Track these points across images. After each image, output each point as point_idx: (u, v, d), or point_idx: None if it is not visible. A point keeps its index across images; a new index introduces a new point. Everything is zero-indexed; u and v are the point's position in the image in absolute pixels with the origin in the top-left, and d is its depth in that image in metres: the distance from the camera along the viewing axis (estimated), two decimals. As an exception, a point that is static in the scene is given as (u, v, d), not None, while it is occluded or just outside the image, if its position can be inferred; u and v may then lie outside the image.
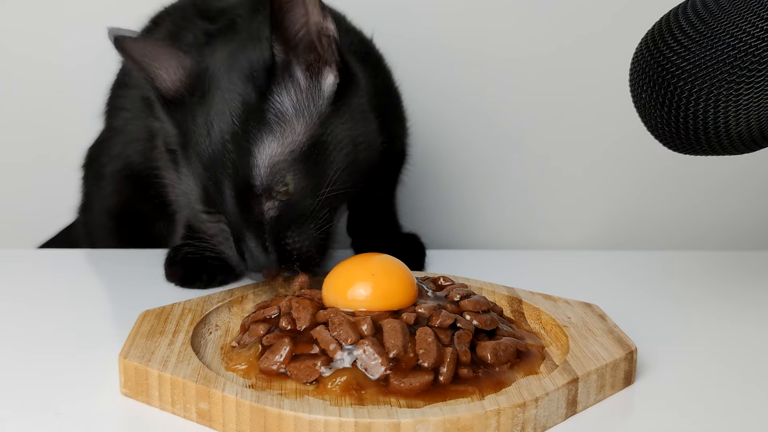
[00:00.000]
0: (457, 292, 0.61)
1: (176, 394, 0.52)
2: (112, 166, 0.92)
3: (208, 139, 0.66)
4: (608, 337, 0.59)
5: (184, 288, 0.77)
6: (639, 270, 0.88)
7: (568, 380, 0.52)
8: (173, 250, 0.80)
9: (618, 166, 1.08)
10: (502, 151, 1.07)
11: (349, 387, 0.51)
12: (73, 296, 0.76)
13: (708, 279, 0.84)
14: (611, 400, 0.55)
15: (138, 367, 0.53)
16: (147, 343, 0.56)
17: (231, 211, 0.66)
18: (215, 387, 0.50)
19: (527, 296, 0.67)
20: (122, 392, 0.55)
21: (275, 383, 0.53)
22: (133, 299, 0.74)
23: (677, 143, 0.62)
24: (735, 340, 0.67)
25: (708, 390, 0.58)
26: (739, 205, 1.08)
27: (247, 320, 0.61)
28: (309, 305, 0.58)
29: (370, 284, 0.58)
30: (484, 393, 0.52)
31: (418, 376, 0.52)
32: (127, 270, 0.83)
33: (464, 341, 0.55)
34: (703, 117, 0.58)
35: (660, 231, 1.09)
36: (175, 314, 0.62)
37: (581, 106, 1.06)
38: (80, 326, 0.67)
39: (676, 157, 0.66)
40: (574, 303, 0.66)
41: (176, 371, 0.52)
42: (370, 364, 0.52)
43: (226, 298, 0.66)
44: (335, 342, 0.54)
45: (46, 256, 0.92)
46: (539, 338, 0.62)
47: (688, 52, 0.58)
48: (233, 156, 0.65)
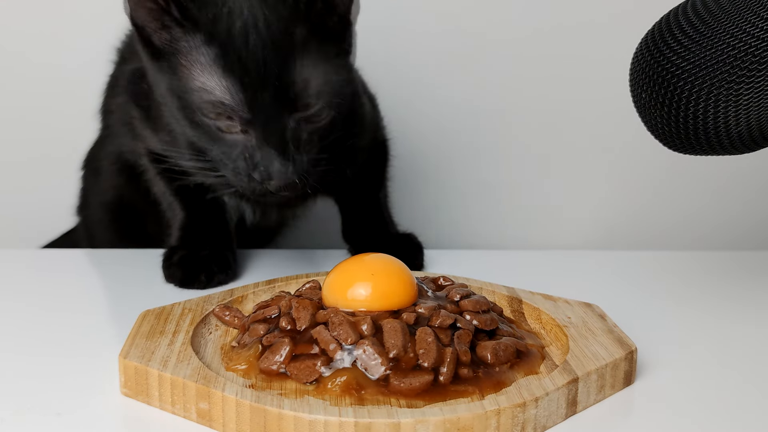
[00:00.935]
0: (457, 292, 0.61)
1: (176, 394, 0.52)
2: (107, 161, 0.92)
3: (246, 46, 0.65)
4: (608, 337, 0.59)
5: (184, 289, 0.77)
6: (639, 270, 0.88)
7: (568, 380, 0.52)
8: (169, 251, 0.80)
9: (618, 167, 1.08)
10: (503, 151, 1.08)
11: (349, 387, 0.51)
12: (74, 296, 0.76)
13: (708, 279, 0.84)
14: (611, 400, 0.55)
15: (138, 367, 0.53)
16: (147, 343, 0.56)
17: (261, 120, 0.65)
18: (215, 387, 0.50)
19: (527, 296, 0.67)
20: (122, 392, 0.54)
21: (275, 383, 0.53)
22: (133, 299, 0.74)
23: (677, 143, 0.62)
24: (735, 340, 0.67)
25: (708, 390, 0.58)
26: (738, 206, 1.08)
27: (246, 320, 0.61)
28: (309, 305, 0.58)
29: (370, 284, 0.58)
30: (484, 393, 0.52)
31: (418, 376, 0.52)
32: (127, 270, 0.83)
33: (464, 341, 0.55)
34: (703, 117, 0.58)
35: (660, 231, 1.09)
36: (175, 314, 0.62)
37: (581, 105, 1.06)
38: (80, 326, 0.67)
39: (677, 157, 0.66)
40: (574, 303, 0.66)
41: (176, 371, 0.52)
42: (370, 364, 0.52)
43: (226, 298, 0.66)
44: (335, 342, 0.54)
45: (46, 257, 0.92)
46: (539, 338, 0.62)
47: (688, 52, 0.58)
48: (275, 65, 0.65)
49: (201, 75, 0.66)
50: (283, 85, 0.65)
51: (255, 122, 0.66)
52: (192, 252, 0.79)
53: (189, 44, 0.67)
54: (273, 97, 0.65)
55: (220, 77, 0.66)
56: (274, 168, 0.66)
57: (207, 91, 0.66)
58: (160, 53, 0.69)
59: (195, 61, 0.67)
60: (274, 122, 0.66)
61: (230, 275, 0.79)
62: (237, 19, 0.66)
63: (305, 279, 0.70)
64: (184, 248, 0.80)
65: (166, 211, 0.84)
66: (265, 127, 0.66)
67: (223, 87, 0.66)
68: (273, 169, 0.66)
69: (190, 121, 0.69)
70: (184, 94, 0.68)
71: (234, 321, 0.63)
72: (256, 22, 0.66)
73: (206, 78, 0.66)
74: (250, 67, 0.65)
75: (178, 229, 0.82)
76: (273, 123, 0.66)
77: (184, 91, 0.68)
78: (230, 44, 0.66)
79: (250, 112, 0.66)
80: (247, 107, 0.66)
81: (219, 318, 0.63)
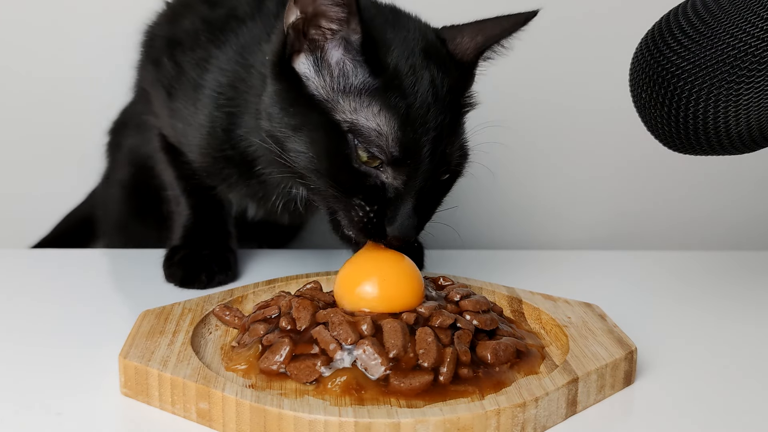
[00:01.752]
0: (457, 292, 0.61)
1: (176, 394, 0.52)
2: (131, 139, 0.92)
3: (419, 93, 0.63)
4: (608, 337, 0.59)
5: (184, 288, 0.77)
6: (639, 270, 0.88)
7: (568, 380, 0.52)
8: (171, 250, 0.80)
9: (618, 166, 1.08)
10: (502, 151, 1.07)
11: (349, 387, 0.51)
12: (73, 296, 0.76)
13: (708, 279, 0.84)
14: (611, 400, 0.55)
15: (138, 367, 0.53)
16: (147, 343, 0.56)
17: (417, 169, 0.63)
18: (215, 387, 0.50)
19: (527, 296, 0.67)
20: (122, 392, 0.54)
21: (275, 383, 0.53)
22: (133, 299, 0.74)
23: (677, 143, 0.62)
24: (735, 339, 0.67)
25: (708, 390, 0.57)
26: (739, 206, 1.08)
27: (246, 320, 0.61)
28: (309, 305, 0.58)
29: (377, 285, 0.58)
30: (484, 393, 0.52)
31: (418, 376, 0.52)
32: (127, 269, 0.83)
33: (464, 341, 0.55)
34: (703, 117, 0.58)
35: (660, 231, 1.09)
36: (175, 314, 0.62)
37: (581, 105, 1.06)
38: (80, 326, 0.67)
39: (677, 157, 0.66)
40: (574, 303, 0.66)
41: (176, 371, 0.52)
42: (370, 364, 0.52)
43: (226, 298, 0.66)
44: (335, 342, 0.54)
45: (46, 256, 0.92)
46: (539, 338, 0.62)
47: (688, 52, 0.58)
48: (447, 120, 0.64)
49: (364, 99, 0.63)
50: (450, 142, 0.65)
51: (410, 169, 0.62)
52: (193, 251, 0.79)
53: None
54: (437, 151, 0.63)
55: (389, 110, 0.62)
56: (406, 222, 0.63)
57: (373, 116, 0.62)
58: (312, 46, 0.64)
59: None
60: (430, 177, 0.64)
61: (231, 275, 0.79)
62: (420, 70, 0.64)
63: (306, 279, 0.70)
64: (186, 248, 0.80)
65: (171, 201, 0.84)
66: (420, 178, 0.63)
67: (387, 120, 0.62)
68: (405, 223, 0.63)
69: (311, 132, 0.64)
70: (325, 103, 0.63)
71: (234, 321, 0.63)
72: (433, 76, 0.64)
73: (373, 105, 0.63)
74: (423, 114, 0.63)
75: (182, 227, 0.82)
76: (428, 177, 0.64)
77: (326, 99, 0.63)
78: (405, 85, 0.63)
79: (408, 156, 0.62)
80: (410, 151, 0.62)
81: (219, 318, 0.63)
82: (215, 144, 0.74)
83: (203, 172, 0.77)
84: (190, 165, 0.78)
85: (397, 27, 0.66)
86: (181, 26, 0.78)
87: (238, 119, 0.72)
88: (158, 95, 0.79)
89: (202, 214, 0.82)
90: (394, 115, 0.61)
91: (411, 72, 0.63)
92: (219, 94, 0.73)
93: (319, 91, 0.63)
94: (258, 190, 0.76)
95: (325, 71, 0.63)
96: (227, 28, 0.75)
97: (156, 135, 0.83)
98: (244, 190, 0.77)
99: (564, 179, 1.08)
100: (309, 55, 0.64)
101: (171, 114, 0.77)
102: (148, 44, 0.83)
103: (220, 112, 0.73)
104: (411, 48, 0.64)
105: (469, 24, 0.69)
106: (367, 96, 0.62)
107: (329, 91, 0.63)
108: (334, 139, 0.62)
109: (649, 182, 1.07)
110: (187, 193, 0.82)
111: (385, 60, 0.63)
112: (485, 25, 0.68)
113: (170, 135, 0.80)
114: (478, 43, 0.68)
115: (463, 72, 0.68)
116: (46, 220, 1.04)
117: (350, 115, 0.62)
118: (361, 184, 0.62)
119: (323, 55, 0.63)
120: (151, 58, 0.81)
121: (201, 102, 0.74)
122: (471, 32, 0.68)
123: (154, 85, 0.80)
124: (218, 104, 0.73)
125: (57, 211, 1.03)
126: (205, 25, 0.76)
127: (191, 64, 0.75)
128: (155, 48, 0.81)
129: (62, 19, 1.03)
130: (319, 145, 0.63)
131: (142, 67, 0.85)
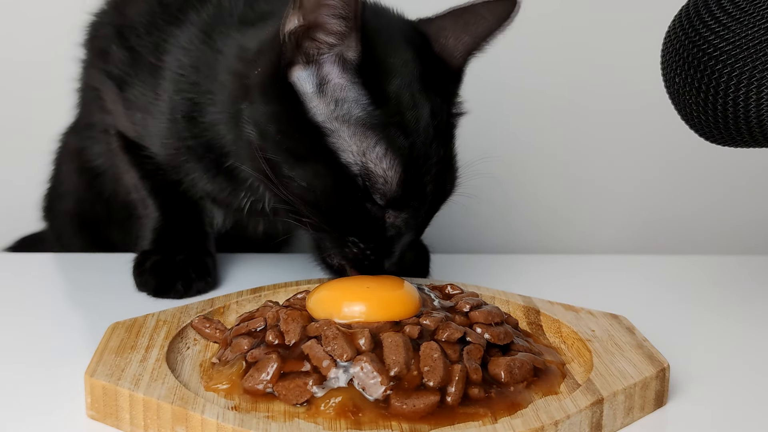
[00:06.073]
0: (466, 302, 0.61)
1: (149, 417, 0.52)
2: (70, 161, 0.93)
3: (420, 131, 0.65)
4: (637, 352, 0.59)
5: (158, 298, 0.77)
6: (672, 277, 0.88)
7: (592, 401, 0.52)
8: (141, 255, 0.80)
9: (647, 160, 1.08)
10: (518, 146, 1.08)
11: (345, 409, 0.51)
12: (36, 305, 0.76)
13: (750, 286, 0.84)
14: (641, 423, 0.56)
15: (106, 386, 0.53)
16: (116, 360, 0.57)
17: (421, 213, 0.67)
18: (193, 409, 0.50)
19: (546, 306, 0.68)
20: (88, 415, 0.55)
21: (261, 405, 0.53)
22: (101, 309, 0.74)
23: (714, 134, 0.62)
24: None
25: (750, 412, 0.58)
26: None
27: (229, 334, 0.61)
28: (299, 317, 0.58)
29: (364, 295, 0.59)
30: (497, 416, 0.52)
31: (423, 396, 0.52)
32: (95, 277, 0.83)
33: (475, 357, 0.55)
34: (744, 104, 0.58)
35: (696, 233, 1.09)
36: (149, 327, 0.62)
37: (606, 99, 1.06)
38: (42, 340, 0.67)
39: (714, 151, 0.66)
40: (598, 314, 0.66)
41: (149, 391, 0.52)
42: (368, 383, 0.52)
43: (205, 308, 0.66)
44: (329, 358, 0.54)
45: (8, 261, 0.92)
46: (559, 354, 0.62)
47: (727, 31, 0.58)
48: (447, 158, 0.68)
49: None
50: (451, 175, 0.69)
51: (412, 209, 0.66)
52: (167, 257, 0.79)
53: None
54: (439, 187, 0.67)
55: (388, 145, 0.64)
56: (406, 254, 0.68)
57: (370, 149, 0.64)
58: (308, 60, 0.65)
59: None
60: (431, 211, 0.69)
61: (210, 282, 0.79)
62: (421, 101, 0.66)
63: (295, 288, 0.71)
64: (158, 252, 0.80)
65: (137, 205, 0.84)
66: (422, 217, 0.67)
67: (392, 164, 0.64)
68: (405, 255, 0.68)
69: (299, 152, 0.65)
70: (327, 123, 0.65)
71: (215, 334, 0.63)
72: (433, 107, 0.66)
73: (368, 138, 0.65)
74: (425, 152, 0.65)
75: (152, 230, 0.82)
76: (429, 212, 0.68)
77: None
78: (408, 121, 0.65)
79: (412, 198, 0.65)
80: (414, 194, 0.65)
81: (198, 331, 0.63)
82: (176, 132, 0.75)
83: (167, 166, 0.78)
84: (153, 159, 0.79)
85: (391, 43, 0.67)
86: (133, 9, 0.79)
87: (203, 108, 0.73)
88: (109, 89, 0.80)
89: (173, 214, 0.82)
90: (398, 157, 0.64)
91: (412, 104, 0.65)
92: (181, 76, 0.74)
93: (321, 118, 0.64)
94: (225, 187, 0.76)
95: (324, 94, 0.65)
96: (186, 5, 0.76)
97: (113, 136, 0.84)
98: (210, 186, 0.77)
99: (587, 175, 1.08)
100: (305, 69, 0.65)
101: (127, 105, 0.78)
102: (92, 38, 0.84)
103: (181, 96, 0.74)
104: (410, 73, 0.66)
105: (447, 16, 0.70)
106: (371, 132, 0.64)
107: (332, 119, 0.64)
108: (342, 178, 0.64)
109: (683, 178, 1.08)
110: (154, 193, 0.82)
111: (386, 89, 0.65)
112: (465, 18, 0.70)
113: (128, 130, 0.81)
114: (467, 44, 0.70)
115: (454, 79, 0.71)
116: (9, 224, 1.04)
117: (359, 157, 0.64)
118: (361, 223, 0.65)
119: (319, 71, 0.65)
120: (98, 50, 0.82)
121: (161, 86, 0.75)
122: (454, 29, 0.70)
123: (103, 80, 0.81)
124: (180, 88, 0.74)
125: (22, 214, 1.03)
126: (161, 8, 0.77)
127: (148, 48, 0.76)
128: (101, 38, 0.82)
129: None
130: (325, 181, 0.64)
131: (88, 66, 0.86)
